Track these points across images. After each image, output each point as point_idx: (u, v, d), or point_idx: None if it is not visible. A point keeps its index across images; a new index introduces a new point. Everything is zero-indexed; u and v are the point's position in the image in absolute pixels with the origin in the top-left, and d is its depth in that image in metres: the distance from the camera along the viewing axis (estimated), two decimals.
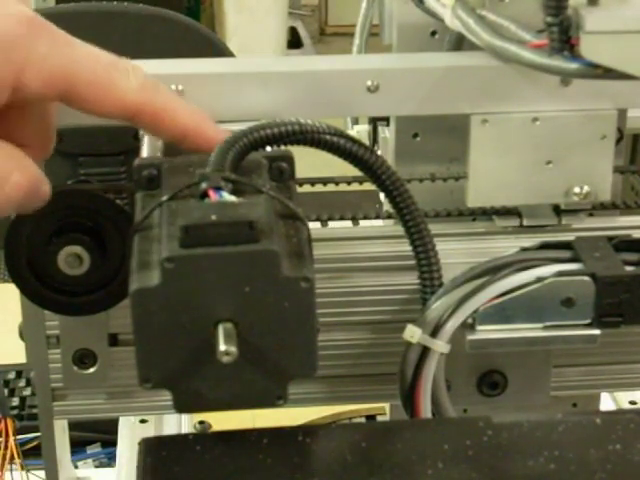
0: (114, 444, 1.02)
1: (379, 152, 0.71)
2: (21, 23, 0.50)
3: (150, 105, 0.53)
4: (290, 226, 0.50)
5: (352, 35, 0.84)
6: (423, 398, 0.60)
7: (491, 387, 0.68)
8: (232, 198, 0.49)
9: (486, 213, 0.67)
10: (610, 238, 0.60)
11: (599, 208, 0.68)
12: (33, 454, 1.01)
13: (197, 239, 0.46)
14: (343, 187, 0.78)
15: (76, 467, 1.13)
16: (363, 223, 0.73)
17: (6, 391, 1.27)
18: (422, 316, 0.59)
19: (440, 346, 0.59)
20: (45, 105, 0.54)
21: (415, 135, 0.70)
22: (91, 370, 0.66)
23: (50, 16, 0.54)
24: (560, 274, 0.58)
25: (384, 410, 1.08)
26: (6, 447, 0.90)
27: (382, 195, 0.60)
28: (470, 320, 0.59)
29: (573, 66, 0.54)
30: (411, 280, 0.63)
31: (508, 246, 0.63)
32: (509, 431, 0.51)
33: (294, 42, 3.39)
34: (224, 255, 0.47)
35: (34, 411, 1.23)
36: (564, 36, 0.54)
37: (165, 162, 0.54)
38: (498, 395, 0.68)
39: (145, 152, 0.59)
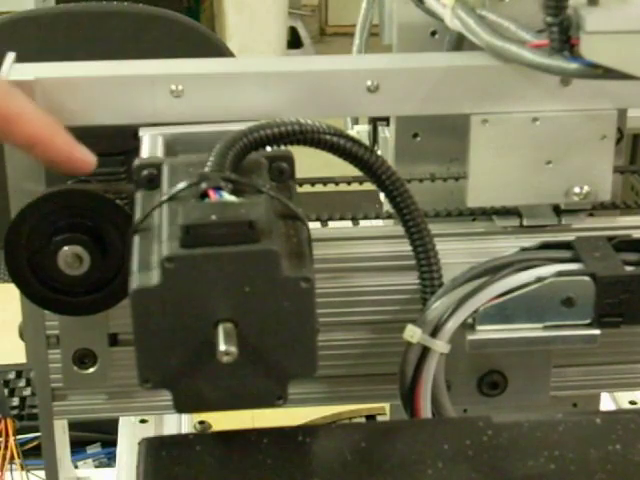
0: (114, 444, 1.02)
1: (379, 152, 0.71)
2: None
3: (2, 109, 0.53)
4: (290, 226, 0.50)
5: (352, 35, 0.84)
6: (423, 398, 0.60)
7: (491, 387, 0.68)
8: (232, 198, 0.49)
9: (486, 213, 0.67)
10: (610, 238, 0.60)
11: (599, 208, 0.68)
12: (33, 454, 1.01)
13: (197, 239, 0.47)
14: (343, 187, 0.78)
15: (76, 467, 1.13)
16: (363, 223, 0.72)
17: (6, 391, 1.26)
18: (422, 316, 0.59)
19: (440, 346, 0.59)
20: None
21: (415, 135, 0.70)
22: (91, 370, 0.66)
23: (50, 16, 0.54)
24: (560, 274, 0.58)
25: (384, 410, 1.08)
26: (6, 447, 0.90)
27: (382, 195, 0.60)
28: (470, 320, 0.59)
29: (573, 66, 0.54)
30: (411, 280, 0.63)
31: (508, 246, 0.63)
32: (509, 431, 0.51)
33: (294, 42, 3.39)
34: (224, 255, 0.47)
35: (34, 411, 1.22)
36: (564, 36, 0.54)
37: (165, 162, 0.54)
38: (498, 395, 0.68)
39: (145, 152, 0.59)
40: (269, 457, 0.49)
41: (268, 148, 0.56)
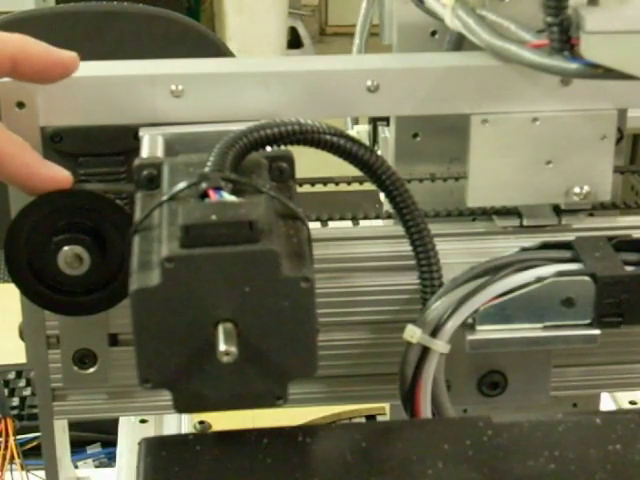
0: (114, 444, 1.02)
1: (379, 152, 0.71)
2: None
3: None
4: (290, 226, 0.50)
5: (352, 35, 0.84)
6: (423, 398, 0.60)
7: (491, 387, 0.68)
8: (232, 198, 0.49)
9: (486, 213, 0.67)
10: (610, 238, 0.60)
11: (599, 208, 0.68)
12: (33, 454, 1.01)
13: (197, 239, 0.47)
14: (343, 187, 0.78)
15: (76, 467, 1.13)
16: (363, 223, 0.72)
17: (6, 391, 1.26)
18: (422, 316, 0.59)
19: (440, 346, 0.59)
20: None
21: (415, 135, 0.70)
22: (91, 370, 0.66)
23: (50, 16, 0.54)
24: (560, 274, 0.58)
25: (384, 410, 1.08)
26: (6, 447, 0.90)
27: (382, 195, 0.60)
28: (470, 320, 0.59)
29: (573, 66, 0.54)
30: (411, 280, 0.63)
31: (508, 246, 0.63)
32: (509, 431, 0.51)
33: (294, 42, 3.39)
34: (224, 255, 0.47)
35: (34, 411, 1.22)
36: (564, 36, 0.54)
37: (165, 162, 0.54)
38: (498, 395, 0.68)
39: (145, 152, 0.59)
40: (269, 457, 0.49)
41: (268, 148, 0.56)
